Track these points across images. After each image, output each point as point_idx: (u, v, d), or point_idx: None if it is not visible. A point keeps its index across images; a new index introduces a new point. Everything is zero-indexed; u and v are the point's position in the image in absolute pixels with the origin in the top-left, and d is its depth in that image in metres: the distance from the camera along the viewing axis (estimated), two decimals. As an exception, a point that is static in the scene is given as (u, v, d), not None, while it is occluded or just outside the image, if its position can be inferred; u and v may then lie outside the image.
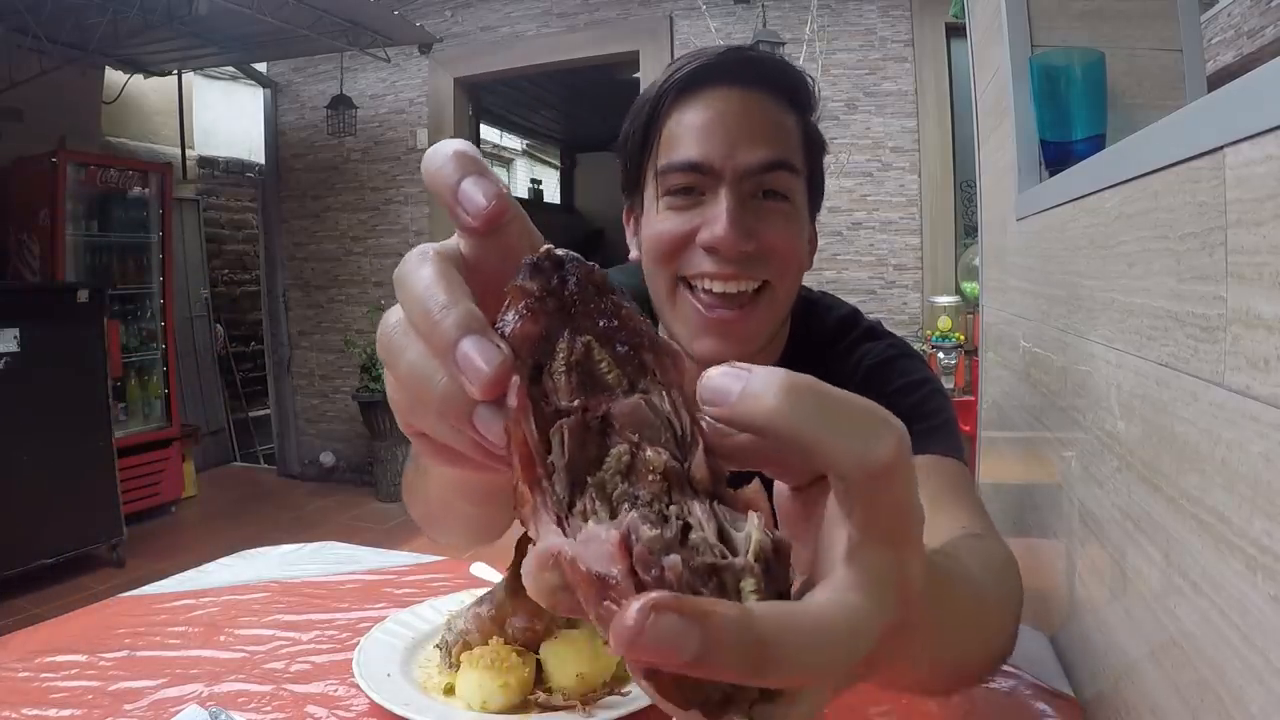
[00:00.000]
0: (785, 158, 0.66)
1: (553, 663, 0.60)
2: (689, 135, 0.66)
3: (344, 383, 4.70)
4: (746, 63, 0.67)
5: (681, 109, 0.67)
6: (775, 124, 0.67)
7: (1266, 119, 0.34)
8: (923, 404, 0.71)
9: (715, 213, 0.65)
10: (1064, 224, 0.79)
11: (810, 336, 0.79)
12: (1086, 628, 0.65)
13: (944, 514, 0.56)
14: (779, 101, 0.68)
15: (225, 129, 5.37)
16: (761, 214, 0.66)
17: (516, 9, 4.17)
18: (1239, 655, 0.37)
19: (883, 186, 3.67)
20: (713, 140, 0.65)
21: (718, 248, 0.64)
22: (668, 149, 0.67)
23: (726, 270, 0.65)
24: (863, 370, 0.75)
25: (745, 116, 0.66)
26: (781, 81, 0.69)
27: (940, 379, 0.80)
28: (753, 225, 0.65)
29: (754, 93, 0.67)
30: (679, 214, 0.67)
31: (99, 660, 0.69)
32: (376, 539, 3.57)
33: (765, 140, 0.66)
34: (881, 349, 0.77)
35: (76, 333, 3.26)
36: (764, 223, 0.66)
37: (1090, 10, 1.04)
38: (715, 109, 0.66)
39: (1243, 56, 2.22)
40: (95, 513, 3.29)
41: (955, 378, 3.34)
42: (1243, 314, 0.37)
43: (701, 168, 0.65)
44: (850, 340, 0.79)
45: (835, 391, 0.22)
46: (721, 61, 0.67)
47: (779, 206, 0.67)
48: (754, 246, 0.65)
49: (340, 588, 0.87)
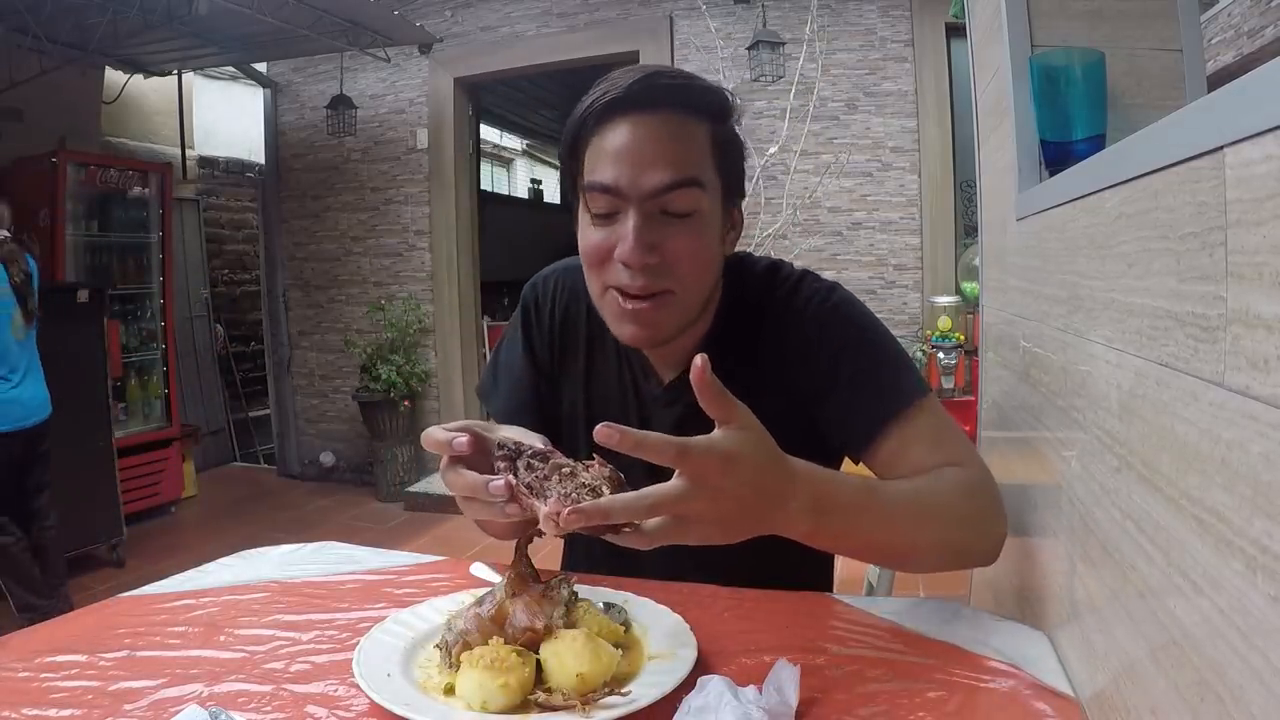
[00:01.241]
0: (685, 176, 0.75)
1: (553, 663, 0.60)
2: (603, 159, 0.76)
3: (344, 383, 4.70)
4: (653, 89, 0.76)
5: (600, 134, 0.77)
6: (679, 144, 0.76)
7: (1266, 119, 0.34)
8: (875, 360, 0.84)
9: (625, 230, 0.75)
10: (1064, 224, 0.79)
11: (745, 295, 0.89)
12: (1086, 628, 0.65)
13: (930, 458, 0.77)
14: (687, 118, 0.77)
15: (225, 129, 5.38)
16: (665, 230, 0.76)
17: (516, 9, 4.17)
18: (1239, 655, 0.37)
19: (883, 186, 3.67)
20: (621, 165, 0.75)
21: (626, 262, 0.75)
22: (589, 170, 0.78)
23: (637, 283, 0.76)
24: (811, 313, 0.86)
25: (649, 141, 0.75)
26: (687, 100, 0.77)
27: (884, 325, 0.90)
28: (656, 240, 0.76)
29: (659, 115, 0.76)
30: (600, 228, 0.78)
31: (99, 660, 0.69)
32: (376, 539, 3.58)
33: (666, 163, 0.75)
34: (824, 294, 0.88)
35: (76, 333, 3.26)
36: (668, 238, 0.76)
37: (1090, 10, 1.04)
38: (624, 136, 0.76)
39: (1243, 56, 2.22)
40: (95, 513, 3.29)
41: (955, 378, 3.34)
42: (1243, 314, 0.37)
43: (612, 190, 0.76)
44: (788, 286, 0.89)
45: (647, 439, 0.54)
46: (628, 93, 0.75)
47: (681, 223, 0.77)
48: (657, 259, 0.76)
49: (340, 588, 0.87)
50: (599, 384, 0.95)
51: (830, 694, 0.60)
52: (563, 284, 0.97)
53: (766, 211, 3.68)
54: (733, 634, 0.71)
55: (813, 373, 0.84)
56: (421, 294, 4.49)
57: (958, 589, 1.76)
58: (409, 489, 4.25)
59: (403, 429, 4.34)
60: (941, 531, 0.73)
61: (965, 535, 0.75)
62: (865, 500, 0.69)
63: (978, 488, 0.77)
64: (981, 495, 0.77)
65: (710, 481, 0.55)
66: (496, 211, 6.14)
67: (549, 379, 0.97)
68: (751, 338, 0.87)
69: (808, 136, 3.63)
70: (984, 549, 0.77)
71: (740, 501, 0.57)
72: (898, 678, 0.63)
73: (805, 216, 3.71)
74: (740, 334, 0.88)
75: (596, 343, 0.95)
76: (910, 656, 0.67)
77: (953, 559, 0.77)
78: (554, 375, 0.97)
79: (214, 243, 5.51)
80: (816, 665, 0.64)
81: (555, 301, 0.97)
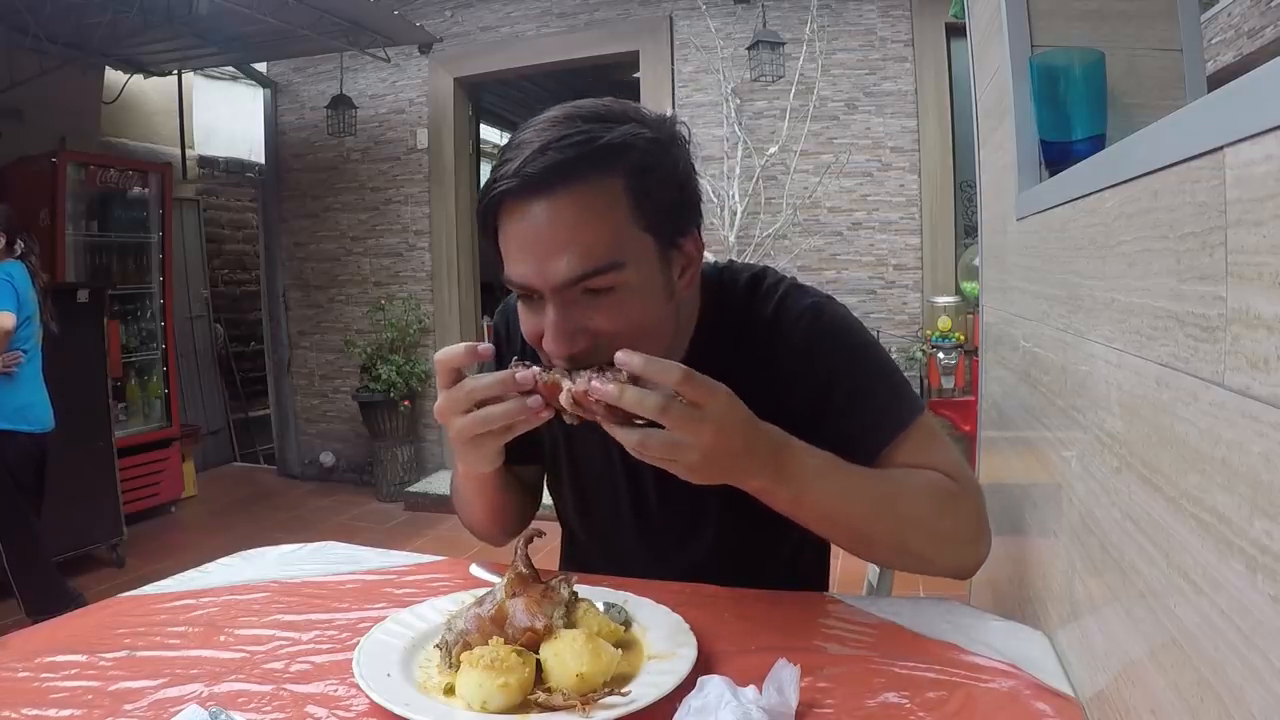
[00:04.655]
0: (592, 266, 0.68)
1: (553, 663, 0.60)
2: (511, 252, 0.71)
3: (344, 383, 4.70)
4: (547, 170, 0.67)
5: (504, 223, 0.71)
6: (585, 226, 0.68)
7: (1266, 119, 0.34)
8: (871, 380, 0.82)
9: (546, 321, 0.70)
10: (1064, 224, 0.79)
11: (725, 315, 0.86)
12: (1086, 628, 0.65)
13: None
14: (594, 186, 0.69)
15: (225, 129, 5.37)
16: (591, 309, 0.70)
17: (516, 9, 4.17)
18: (1239, 655, 0.37)
19: (883, 186, 3.67)
20: (527, 262, 0.69)
21: (552, 355, 0.71)
22: (505, 257, 0.72)
23: (578, 364, 0.70)
24: (801, 334, 0.83)
25: (551, 230, 0.68)
26: (591, 166, 0.69)
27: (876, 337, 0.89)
28: (581, 324, 0.70)
29: (560, 197, 0.68)
30: (530, 313, 0.74)
31: (99, 660, 0.69)
32: (376, 539, 3.57)
33: (574, 252, 0.68)
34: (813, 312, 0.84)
35: (76, 333, 3.26)
36: (594, 316, 0.70)
37: (1090, 10, 1.04)
38: (525, 228, 0.69)
39: (1243, 56, 2.22)
40: (95, 513, 3.29)
41: (955, 378, 3.34)
42: (1243, 314, 0.37)
43: (525, 286, 0.71)
44: (773, 303, 0.85)
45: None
46: (522, 181, 0.68)
47: (608, 298, 0.70)
48: (586, 343, 0.70)
49: (340, 588, 0.87)
50: None
51: (830, 694, 0.60)
52: None
53: (766, 211, 3.69)
54: (733, 634, 0.71)
55: (805, 396, 0.80)
56: (421, 294, 4.49)
57: (958, 589, 1.76)
58: (409, 489, 4.24)
59: (403, 429, 4.34)
60: (900, 523, 0.74)
61: (926, 540, 0.75)
62: (828, 468, 0.71)
63: (958, 500, 0.76)
64: (960, 509, 0.76)
65: (710, 406, 0.63)
66: (496, 211, 6.12)
67: None
68: (733, 359, 0.81)
69: (808, 136, 3.63)
70: (952, 563, 0.77)
71: (728, 435, 0.64)
72: (898, 678, 0.63)
73: (805, 216, 3.71)
74: (721, 356, 0.81)
75: None
76: (910, 656, 0.67)
77: (913, 560, 0.77)
78: None
79: (214, 243, 5.50)
80: (816, 665, 0.64)
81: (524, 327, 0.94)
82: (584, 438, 0.92)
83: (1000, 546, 1.20)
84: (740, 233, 3.65)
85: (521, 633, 0.62)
